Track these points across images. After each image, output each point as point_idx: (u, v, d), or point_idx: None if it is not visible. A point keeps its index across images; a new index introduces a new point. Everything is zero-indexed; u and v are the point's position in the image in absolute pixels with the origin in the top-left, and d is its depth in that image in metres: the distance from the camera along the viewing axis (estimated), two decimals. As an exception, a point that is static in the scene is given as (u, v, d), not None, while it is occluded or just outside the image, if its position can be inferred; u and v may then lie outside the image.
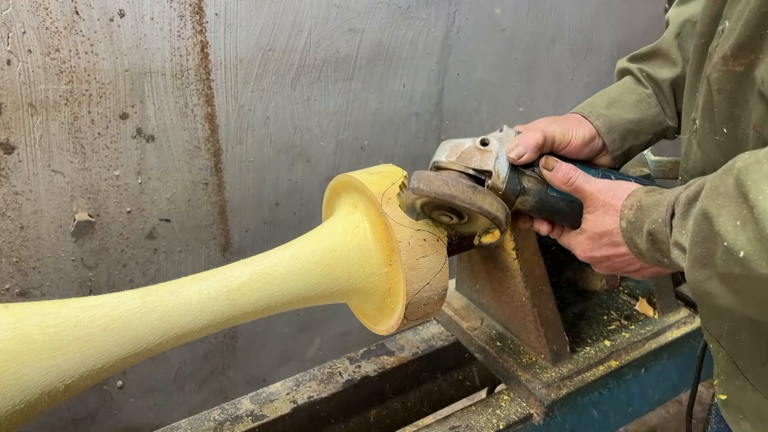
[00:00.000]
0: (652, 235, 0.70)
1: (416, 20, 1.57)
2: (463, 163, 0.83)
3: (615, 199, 0.78)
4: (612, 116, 0.91)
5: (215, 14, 1.29)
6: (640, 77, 0.95)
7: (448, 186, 0.77)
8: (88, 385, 0.75)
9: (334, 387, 1.14)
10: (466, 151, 0.84)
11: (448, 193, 0.77)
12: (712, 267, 0.59)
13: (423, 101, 1.69)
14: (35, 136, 1.19)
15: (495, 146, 0.84)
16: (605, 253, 0.81)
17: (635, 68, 0.96)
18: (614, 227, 0.78)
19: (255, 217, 1.55)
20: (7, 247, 1.25)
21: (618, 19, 2.03)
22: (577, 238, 0.85)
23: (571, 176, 0.82)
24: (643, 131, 0.92)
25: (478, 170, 0.83)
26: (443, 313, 1.26)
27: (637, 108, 0.93)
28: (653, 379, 1.24)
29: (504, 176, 0.83)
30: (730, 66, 0.66)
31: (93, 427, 1.53)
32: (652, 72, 0.94)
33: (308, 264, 0.87)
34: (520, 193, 0.85)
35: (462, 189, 0.77)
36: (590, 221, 0.81)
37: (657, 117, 0.93)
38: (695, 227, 0.61)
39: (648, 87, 0.94)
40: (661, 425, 2.16)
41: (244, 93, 1.40)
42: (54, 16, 1.13)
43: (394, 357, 1.22)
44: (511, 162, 0.84)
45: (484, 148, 0.83)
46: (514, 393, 1.10)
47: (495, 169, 0.82)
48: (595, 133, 0.90)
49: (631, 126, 0.91)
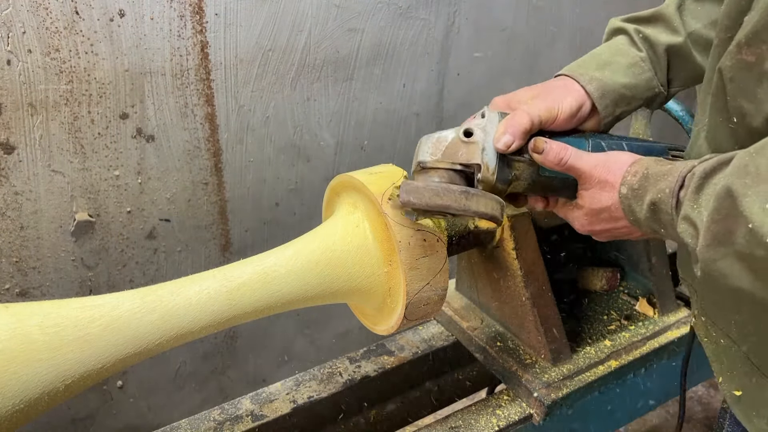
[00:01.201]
0: (655, 205, 0.68)
1: (416, 20, 1.57)
2: (449, 159, 0.80)
3: (611, 175, 0.76)
4: (605, 79, 0.87)
5: (215, 14, 1.29)
6: (636, 38, 0.90)
7: (439, 197, 0.74)
8: (88, 385, 0.75)
9: (334, 387, 1.14)
10: (450, 145, 0.81)
11: (441, 204, 0.74)
12: (730, 245, 0.57)
13: (423, 101, 1.69)
14: (35, 136, 1.19)
15: (480, 136, 0.81)
16: (605, 226, 0.80)
17: (632, 28, 0.91)
18: (612, 203, 0.76)
19: (255, 217, 1.55)
20: (7, 247, 1.25)
21: (618, 19, 2.03)
22: (574, 212, 0.84)
23: (562, 156, 0.80)
24: (635, 97, 0.89)
25: (466, 164, 0.80)
26: (443, 313, 1.26)
27: (630, 71, 0.89)
28: (653, 379, 1.24)
29: (494, 167, 0.80)
30: (743, 54, 0.64)
31: (93, 427, 1.53)
32: (650, 35, 0.90)
33: (308, 264, 0.87)
34: (511, 180, 0.83)
35: (455, 197, 0.74)
36: (587, 198, 0.80)
37: (650, 82, 0.89)
38: (717, 204, 0.59)
39: (642, 50, 0.90)
40: (661, 425, 2.16)
41: (244, 93, 1.40)
42: (54, 16, 1.13)
43: (394, 357, 1.22)
44: (500, 152, 0.81)
45: (469, 139, 0.80)
46: (514, 393, 1.10)
47: (483, 161, 0.80)
48: (584, 98, 0.87)
49: (624, 90, 0.88)
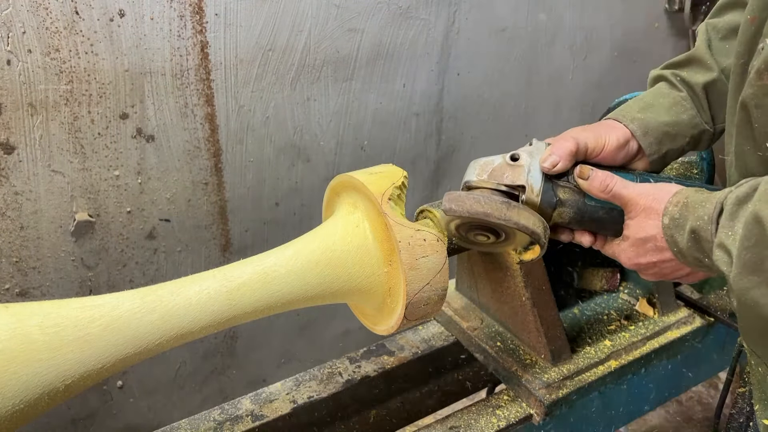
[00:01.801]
0: (695, 233, 0.68)
1: (416, 20, 1.57)
2: (495, 180, 0.81)
3: (657, 203, 0.76)
4: (647, 119, 0.89)
5: (215, 14, 1.29)
6: (675, 81, 0.93)
7: (480, 204, 0.75)
8: (88, 385, 0.75)
9: (334, 387, 1.14)
10: (497, 168, 0.82)
11: (481, 211, 0.75)
12: (762, 273, 0.57)
13: (423, 101, 1.69)
14: (35, 136, 1.19)
15: (526, 160, 0.82)
16: (651, 259, 0.79)
17: (669, 74, 0.94)
18: (657, 232, 0.75)
19: (255, 217, 1.55)
20: (7, 247, 1.25)
21: (618, 19, 2.03)
22: (620, 246, 0.83)
23: (608, 183, 0.80)
24: (679, 134, 0.90)
25: (511, 186, 0.80)
26: (443, 313, 1.26)
27: (672, 111, 0.91)
28: (653, 379, 1.24)
29: (538, 189, 0.81)
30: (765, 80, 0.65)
31: (93, 427, 1.53)
32: (686, 76, 0.92)
33: (308, 264, 0.87)
34: (557, 205, 0.83)
35: (496, 206, 0.75)
36: (632, 227, 0.79)
37: (693, 119, 0.91)
38: (746, 231, 0.59)
39: (682, 90, 0.92)
40: (661, 425, 2.16)
41: (244, 93, 1.40)
42: (54, 16, 1.13)
43: (394, 357, 1.22)
44: (545, 172, 0.82)
45: (515, 163, 0.81)
46: (514, 393, 1.10)
47: (528, 182, 0.80)
48: (629, 136, 0.88)
49: (667, 128, 0.89)
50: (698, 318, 1.24)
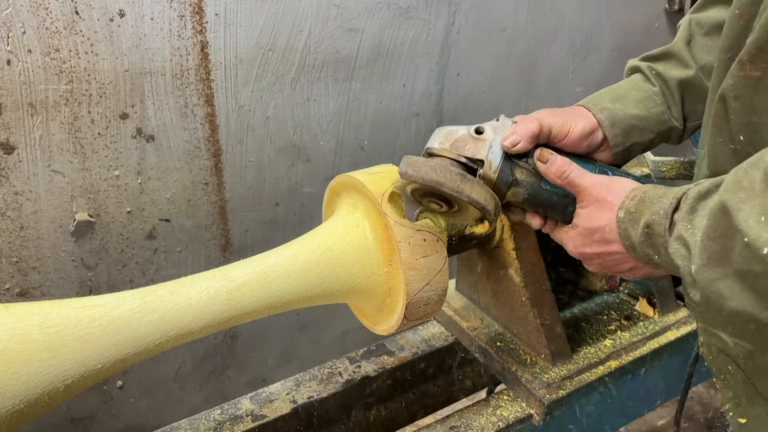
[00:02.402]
0: (650, 227, 0.68)
1: (416, 20, 1.57)
2: (456, 150, 0.82)
3: (610, 195, 0.76)
4: (616, 110, 0.90)
5: (215, 14, 1.29)
6: (649, 75, 0.94)
7: (435, 173, 0.76)
8: (88, 385, 0.75)
9: (334, 387, 1.14)
10: (460, 138, 0.82)
11: (435, 179, 0.76)
12: (728, 264, 0.57)
13: (423, 101, 1.69)
14: (35, 136, 1.19)
15: (489, 135, 0.82)
16: (596, 249, 0.79)
17: (645, 66, 0.95)
18: (607, 223, 0.76)
19: (255, 217, 1.55)
20: (7, 247, 1.25)
21: (618, 19, 2.03)
22: (568, 233, 0.84)
23: (565, 170, 0.81)
24: (646, 128, 0.91)
25: (471, 158, 0.81)
26: (443, 313, 1.26)
27: (642, 104, 0.91)
28: (653, 379, 1.24)
29: (496, 166, 0.81)
30: (747, 71, 0.64)
31: (93, 427, 1.53)
32: (662, 71, 0.93)
33: (308, 264, 0.87)
34: (512, 185, 0.84)
35: (450, 176, 0.76)
36: (583, 216, 0.80)
37: (662, 116, 0.91)
38: (711, 221, 0.59)
39: (656, 85, 0.93)
40: (661, 425, 2.16)
41: (244, 93, 1.40)
42: (54, 16, 1.13)
43: (394, 357, 1.22)
44: (505, 150, 0.82)
45: (479, 136, 0.82)
46: (514, 393, 1.10)
47: (488, 158, 0.81)
48: (596, 125, 0.88)
49: (634, 122, 0.90)
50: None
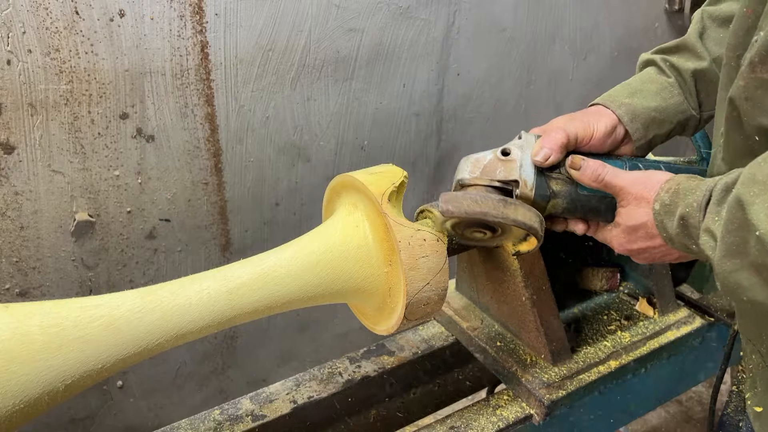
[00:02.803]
0: (684, 219, 0.69)
1: (416, 20, 1.57)
2: (488, 176, 0.82)
3: (647, 191, 0.77)
4: (635, 104, 0.90)
5: (215, 14, 1.29)
6: (663, 67, 0.94)
7: (477, 204, 0.75)
8: (88, 385, 0.75)
9: (334, 387, 1.14)
10: (489, 164, 0.82)
11: (479, 210, 0.75)
12: (745, 257, 0.58)
13: (423, 101, 1.69)
14: (35, 136, 1.19)
15: (517, 154, 0.82)
16: (642, 245, 0.80)
17: (659, 58, 0.95)
18: (648, 219, 0.77)
19: (255, 217, 1.55)
20: (7, 247, 1.25)
21: (618, 19, 2.03)
22: (612, 232, 0.85)
23: (599, 172, 0.81)
24: (666, 119, 0.91)
25: (504, 181, 0.81)
26: (443, 313, 1.26)
27: (660, 96, 0.92)
28: (653, 379, 1.23)
29: (531, 183, 0.82)
30: (758, 72, 0.65)
31: (93, 427, 1.53)
32: (676, 62, 0.93)
33: (308, 264, 0.87)
34: (550, 197, 0.84)
35: (493, 204, 0.75)
36: (624, 215, 0.81)
37: (680, 105, 0.92)
38: (729, 215, 0.60)
39: (671, 76, 0.93)
40: (661, 425, 2.16)
41: (244, 93, 1.40)
42: (54, 16, 1.13)
43: (394, 357, 1.22)
44: (538, 166, 0.83)
45: (506, 158, 0.82)
46: (514, 393, 1.10)
47: (521, 177, 0.81)
48: (616, 121, 0.89)
49: (654, 114, 0.90)
50: (698, 318, 1.24)
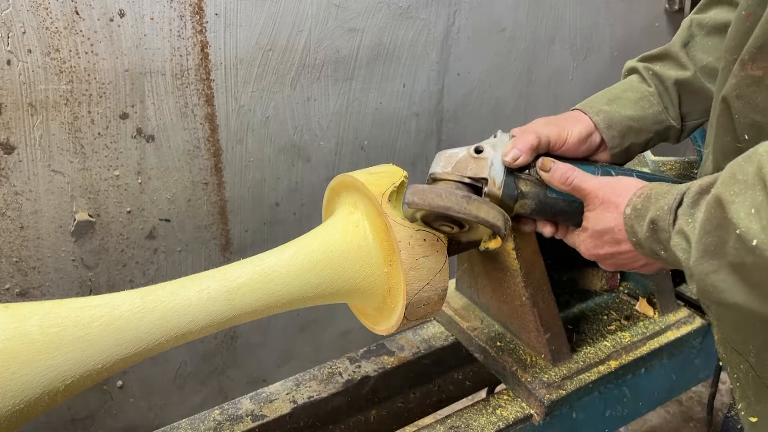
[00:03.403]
0: (654, 223, 0.69)
1: (416, 20, 1.57)
2: (459, 172, 0.83)
3: (615, 196, 0.77)
4: (612, 112, 0.91)
5: (215, 14, 1.29)
6: (646, 75, 0.95)
7: (441, 198, 0.77)
8: (88, 385, 0.75)
9: (334, 387, 1.14)
10: (461, 160, 0.84)
11: (442, 204, 0.77)
12: (723, 257, 0.57)
13: (423, 101, 1.69)
14: (35, 136, 1.19)
15: (489, 153, 0.84)
16: (608, 250, 0.80)
17: (642, 66, 0.96)
18: (615, 224, 0.77)
19: (255, 217, 1.55)
20: (7, 247, 1.25)
21: (618, 19, 2.03)
22: (579, 237, 0.85)
23: (568, 176, 0.82)
24: (643, 129, 0.92)
25: (474, 178, 0.83)
26: (443, 313, 1.26)
27: (638, 105, 0.92)
28: (653, 379, 1.23)
29: (500, 182, 0.83)
30: (749, 70, 0.65)
31: (93, 427, 1.53)
32: (659, 71, 0.93)
33: (308, 264, 0.87)
34: (518, 197, 0.85)
35: (456, 200, 0.77)
36: (591, 219, 0.81)
37: (658, 116, 0.92)
38: (707, 214, 0.60)
39: (651, 85, 0.94)
40: (661, 425, 2.16)
41: (244, 93, 1.40)
42: (54, 16, 1.13)
43: (394, 357, 1.22)
44: (507, 165, 0.84)
45: (479, 155, 0.84)
46: (514, 393, 1.10)
47: (490, 175, 0.83)
48: (592, 128, 0.90)
49: (631, 123, 0.91)
50: (698, 318, 1.24)
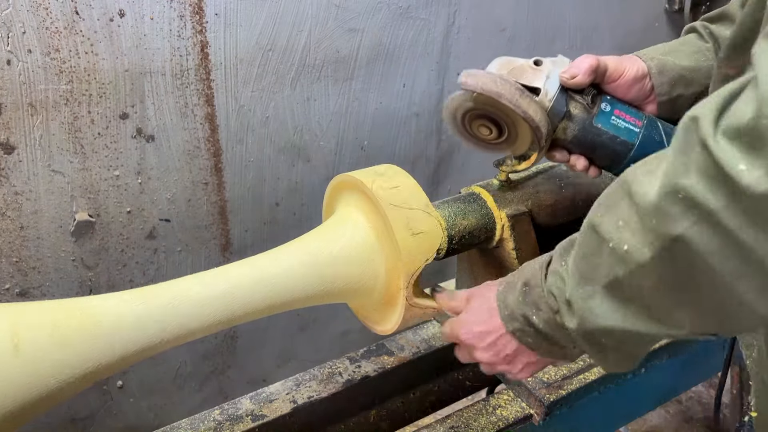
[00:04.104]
0: (527, 284, 0.69)
1: (416, 20, 1.57)
2: (514, 77, 0.83)
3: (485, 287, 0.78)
4: (666, 61, 0.91)
5: (215, 14, 1.29)
6: (703, 33, 0.95)
7: (495, 84, 0.77)
8: (87, 385, 0.75)
9: (334, 387, 1.14)
10: (518, 67, 0.84)
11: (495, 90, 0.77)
12: (597, 281, 0.58)
13: (423, 101, 1.69)
14: (35, 136, 1.19)
15: (548, 66, 0.84)
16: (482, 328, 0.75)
17: (699, 25, 0.96)
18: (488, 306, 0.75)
19: (255, 217, 1.55)
20: (7, 247, 1.25)
21: (618, 19, 2.03)
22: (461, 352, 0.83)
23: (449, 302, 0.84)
24: (694, 80, 0.91)
25: (528, 86, 0.82)
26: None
27: (693, 57, 0.92)
28: (653, 379, 1.24)
29: (552, 95, 0.83)
30: (723, 69, 0.66)
31: (93, 427, 1.53)
32: (715, 30, 0.93)
33: (308, 264, 0.87)
34: (564, 117, 0.84)
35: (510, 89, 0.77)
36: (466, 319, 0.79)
37: (712, 70, 0.90)
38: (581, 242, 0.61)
39: (708, 42, 0.93)
40: (661, 425, 2.16)
41: (244, 93, 1.40)
42: (54, 16, 1.13)
43: (394, 357, 1.22)
44: (563, 83, 0.83)
45: (537, 67, 0.84)
46: (514, 393, 1.10)
47: (545, 87, 0.82)
48: (646, 72, 0.89)
49: (683, 72, 0.91)
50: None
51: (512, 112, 0.79)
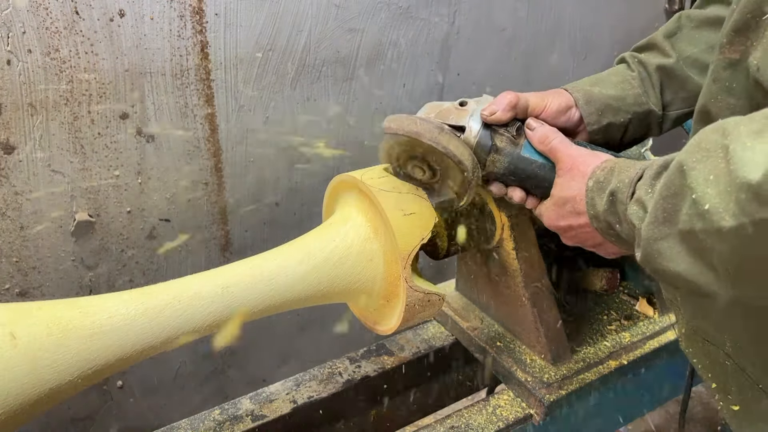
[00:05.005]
0: (614, 195, 0.69)
1: (416, 20, 1.57)
2: (441, 119, 0.87)
3: (584, 165, 0.78)
4: (593, 91, 0.93)
5: (215, 14, 1.29)
6: (631, 63, 0.97)
7: (416, 125, 0.82)
8: (87, 385, 0.75)
9: (334, 387, 1.14)
10: (445, 110, 0.89)
11: (415, 130, 0.81)
12: (674, 224, 0.57)
13: (423, 101, 1.69)
14: (35, 136, 1.19)
15: (472, 106, 0.88)
16: (569, 222, 0.80)
17: (628, 55, 0.99)
18: (578, 193, 0.77)
19: (255, 217, 1.55)
20: (7, 247, 1.25)
21: (618, 19, 2.03)
22: (545, 205, 0.86)
23: (549, 136, 0.84)
24: (622, 108, 0.93)
25: (453, 126, 0.87)
26: (443, 313, 1.26)
27: (620, 86, 0.95)
28: (653, 379, 1.24)
29: (476, 131, 0.86)
30: (726, 53, 0.66)
31: (93, 427, 1.53)
32: (643, 58, 0.96)
33: (308, 264, 0.87)
34: (491, 151, 0.87)
35: (429, 128, 0.82)
36: (558, 185, 0.82)
37: (638, 98, 0.94)
38: (667, 180, 0.59)
39: (635, 71, 0.96)
40: (661, 425, 2.16)
41: (244, 93, 1.40)
42: (54, 16, 1.13)
43: (394, 357, 1.22)
44: (483, 119, 0.86)
45: (462, 107, 0.88)
46: (514, 393, 1.10)
47: (468, 124, 0.86)
48: (572, 103, 0.92)
49: (609, 101, 0.93)
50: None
51: (434, 149, 0.83)
